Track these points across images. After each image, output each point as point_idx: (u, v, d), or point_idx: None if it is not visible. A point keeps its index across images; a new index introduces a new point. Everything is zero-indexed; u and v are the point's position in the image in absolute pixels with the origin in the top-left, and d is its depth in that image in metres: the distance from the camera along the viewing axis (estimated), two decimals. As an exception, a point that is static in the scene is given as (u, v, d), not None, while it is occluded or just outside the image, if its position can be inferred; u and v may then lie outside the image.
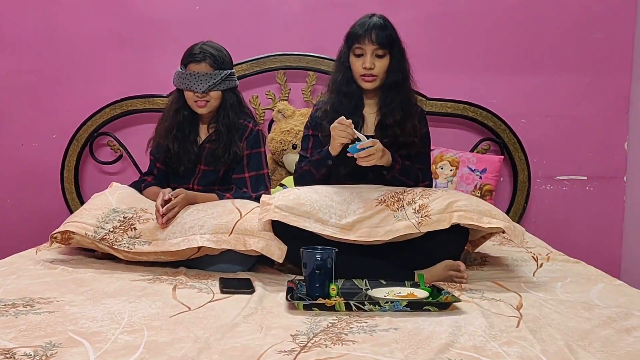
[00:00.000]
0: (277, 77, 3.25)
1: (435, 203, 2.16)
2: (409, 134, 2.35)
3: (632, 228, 3.31)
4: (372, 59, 2.31)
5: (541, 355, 1.45)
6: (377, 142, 2.19)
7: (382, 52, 2.31)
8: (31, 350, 1.41)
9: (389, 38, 2.30)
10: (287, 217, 2.14)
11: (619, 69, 3.29)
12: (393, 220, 2.15)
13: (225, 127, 2.53)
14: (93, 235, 2.25)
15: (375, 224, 2.15)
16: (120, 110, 3.22)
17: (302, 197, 2.20)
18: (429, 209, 2.14)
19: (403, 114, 2.35)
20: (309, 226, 2.12)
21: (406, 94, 2.38)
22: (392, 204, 2.19)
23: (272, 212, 2.15)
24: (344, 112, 2.29)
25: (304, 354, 1.43)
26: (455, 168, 3.09)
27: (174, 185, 2.55)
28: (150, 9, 3.27)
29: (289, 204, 2.16)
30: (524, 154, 3.25)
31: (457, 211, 2.13)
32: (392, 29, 2.34)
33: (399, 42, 2.35)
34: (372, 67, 2.31)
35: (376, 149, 2.17)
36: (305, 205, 2.16)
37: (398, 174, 2.31)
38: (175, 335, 1.54)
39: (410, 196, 2.21)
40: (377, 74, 2.32)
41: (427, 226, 2.12)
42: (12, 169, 3.33)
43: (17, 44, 3.28)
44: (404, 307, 1.78)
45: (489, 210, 2.18)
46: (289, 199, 2.19)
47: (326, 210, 2.16)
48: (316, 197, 2.20)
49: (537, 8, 3.27)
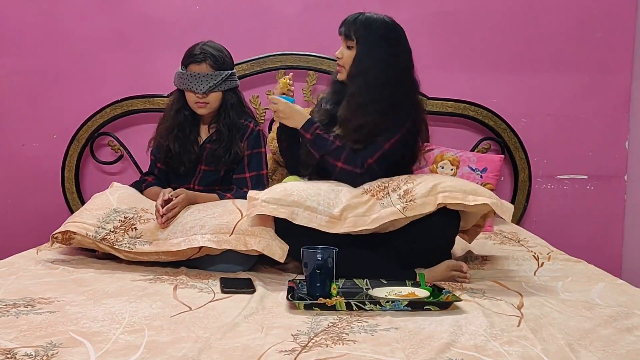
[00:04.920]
0: (278, 77, 3.25)
1: (420, 187, 2.16)
2: (355, 128, 2.30)
3: (633, 227, 3.30)
4: (343, 49, 2.37)
5: (542, 355, 1.45)
6: (281, 102, 2.33)
7: (350, 43, 2.34)
8: (32, 350, 1.41)
9: (356, 31, 2.32)
10: (276, 209, 2.14)
11: (619, 68, 3.28)
12: (379, 208, 2.15)
13: (226, 127, 2.53)
14: (94, 235, 2.25)
15: (361, 213, 2.15)
16: (121, 110, 3.22)
17: (290, 188, 2.21)
18: (414, 193, 2.14)
19: (348, 109, 2.33)
20: (298, 217, 2.12)
21: (358, 90, 2.32)
22: (377, 192, 2.20)
23: (259, 207, 2.15)
24: (330, 103, 2.43)
25: (304, 353, 1.43)
26: (455, 167, 3.09)
27: (175, 185, 2.55)
28: (151, 9, 3.26)
29: (276, 196, 2.17)
30: (524, 153, 3.24)
31: (442, 192, 2.13)
32: (366, 25, 2.32)
33: (371, 38, 2.32)
34: (340, 57, 2.37)
35: (278, 108, 2.33)
36: (292, 195, 2.17)
37: (308, 143, 2.34)
38: (176, 335, 1.54)
39: (395, 183, 2.22)
40: (343, 64, 2.37)
41: (413, 210, 2.11)
42: (12, 169, 3.33)
43: (17, 44, 3.28)
44: (404, 306, 1.78)
45: (475, 189, 2.17)
46: (275, 192, 2.19)
47: (314, 198, 2.17)
48: (304, 187, 2.22)
49: (537, 7, 3.27)
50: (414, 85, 2.40)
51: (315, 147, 2.33)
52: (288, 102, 2.36)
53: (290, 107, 2.35)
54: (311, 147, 2.34)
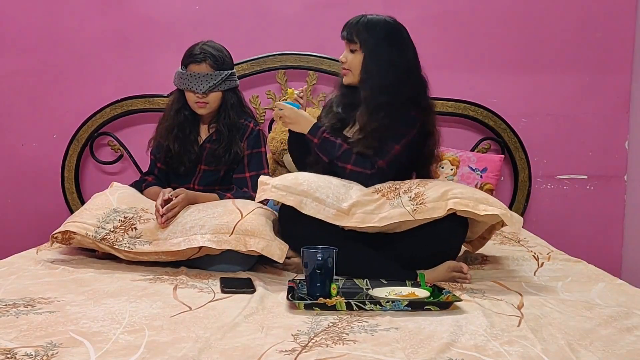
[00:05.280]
0: (278, 77, 3.25)
1: (431, 191, 2.16)
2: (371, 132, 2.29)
3: (632, 227, 3.30)
4: (347, 53, 2.36)
5: (542, 355, 1.45)
6: (287, 107, 2.32)
7: (353, 47, 2.34)
8: (32, 351, 1.41)
9: (359, 35, 2.32)
10: (284, 196, 2.15)
11: (619, 68, 3.29)
12: (388, 207, 2.15)
13: (226, 127, 2.53)
14: (94, 235, 2.25)
15: (370, 210, 2.15)
16: (121, 110, 3.22)
17: (301, 177, 2.22)
18: (425, 196, 2.14)
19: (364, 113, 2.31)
20: (306, 207, 2.13)
21: (370, 93, 2.31)
22: (388, 192, 2.20)
23: (269, 192, 2.17)
24: (340, 106, 2.42)
25: (304, 353, 1.43)
26: (455, 167, 3.09)
27: (175, 185, 2.55)
28: (151, 9, 3.27)
29: (286, 184, 2.18)
30: (524, 153, 3.25)
31: (453, 198, 2.12)
32: (368, 27, 2.31)
33: (375, 40, 2.31)
34: (345, 61, 2.36)
35: (284, 114, 2.32)
36: (302, 184, 2.17)
37: (316, 148, 2.33)
38: (176, 335, 1.54)
39: (407, 185, 2.21)
40: (349, 68, 2.36)
41: (422, 213, 2.11)
42: (12, 169, 3.33)
43: (17, 44, 3.28)
44: (405, 306, 1.78)
45: (486, 198, 2.17)
46: (287, 179, 2.22)
47: (323, 190, 2.17)
48: (315, 179, 2.22)
49: (537, 8, 3.27)
50: (422, 84, 2.38)
51: (323, 151, 2.32)
52: (293, 108, 2.34)
53: (296, 112, 2.34)
54: (319, 151, 2.33)
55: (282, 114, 2.34)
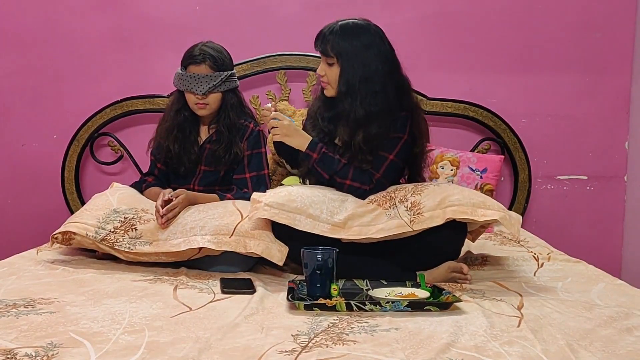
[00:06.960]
0: (278, 77, 3.25)
1: (428, 199, 2.14)
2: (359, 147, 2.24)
3: (632, 227, 3.31)
4: (324, 65, 2.29)
5: (542, 355, 1.45)
6: (283, 119, 2.26)
7: (330, 60, 2.27)
8: (32, 351, 1.41)
9: (333, 48, 2.24)
10: (277, 214, 2.12)
11: (619, 69, 3.28)
12: (385, 218, 2.13)
13: (226, 128, 2.53)
14: (94, 236, 2.25)
15: (366, 222, 2.14)
16: (121, 111, 3.22)
17: (294, 193, 2.18)
18: (422, 205, 2.12)
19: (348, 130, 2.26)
20: (299, 224, 2.10)
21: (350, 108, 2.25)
22: (383, 202, 2.18)
23: (262, 210, 2.13)
24: (325, 121, 2.36)
25: (305, 354, 1.43)
26: (455, 168, 3.09)
27: (175, 186, 2.55)
28: (151, 9, 3.27)
29: (279, 201, 2.14)
30: (524, 153, 3.25)
31: (451, 206, 2.11)
32: (342, 37, 2.23)
33: (350, 50, 2.22)
34: (322, 75, 2.29)
35: (282, 124, 2.25)
36: (296, 201, 2.14)
37: (315, 163, 2.27)
38: (176, 335, 1.55)
39: (402, 193, 2.19)
40: (327, 81, 2.29)
41: (420, 224, 2.09)
42: (12, 169, 3.33)
43: (17, 44, 3.28)
44: (404, 307, 1.78)
45: (483, 202, 2.16)
46: (279, 196, 2.17)
47: (317, 206, 2.14)
48: (308, 193, 2.19)
49: (537, 8, 3.27)
50: (404, 83, 2.33)
51: (322, 166, 2.27)
52: (291, 122, 2.30)
53: (294, 127, 2.28)
54: (318, 167, 2.27)
55: (280, 124, 2.26)
